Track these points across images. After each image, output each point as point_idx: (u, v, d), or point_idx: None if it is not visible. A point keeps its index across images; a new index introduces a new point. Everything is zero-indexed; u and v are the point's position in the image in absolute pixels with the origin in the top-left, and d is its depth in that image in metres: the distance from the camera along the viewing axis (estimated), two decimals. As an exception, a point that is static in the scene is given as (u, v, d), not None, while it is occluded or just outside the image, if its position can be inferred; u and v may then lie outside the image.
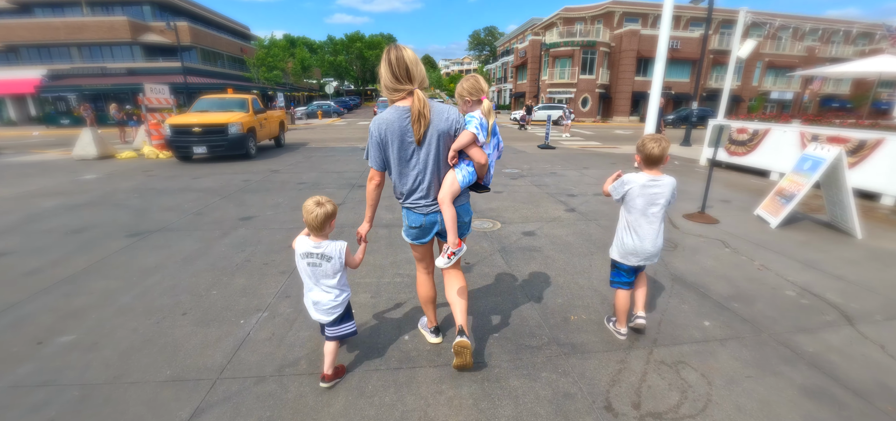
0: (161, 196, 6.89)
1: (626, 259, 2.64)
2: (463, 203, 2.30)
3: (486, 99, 2.18)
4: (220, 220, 5.48)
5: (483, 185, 2.31)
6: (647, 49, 37.53)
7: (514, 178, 8.51)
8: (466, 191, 2.31)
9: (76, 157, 11.87)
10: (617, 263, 2.71)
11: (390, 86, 2.06)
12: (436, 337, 2.73)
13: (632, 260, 2.62)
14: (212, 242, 4.62)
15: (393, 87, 2.06)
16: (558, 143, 16.23)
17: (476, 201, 6.39)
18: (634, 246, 2.56)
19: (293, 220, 5.46)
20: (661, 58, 9.40)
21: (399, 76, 2.04)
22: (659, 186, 2.46)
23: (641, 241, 2.54)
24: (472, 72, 24.01)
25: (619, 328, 2.80)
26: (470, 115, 2.15)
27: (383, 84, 2.09)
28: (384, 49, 2.12)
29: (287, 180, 8.23)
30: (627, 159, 11.78)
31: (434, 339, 2.72)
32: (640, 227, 2.53)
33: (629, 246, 2.59)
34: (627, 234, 2.59)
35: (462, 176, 2.17)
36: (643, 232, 2.53)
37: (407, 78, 2.05)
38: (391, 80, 2.05)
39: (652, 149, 2.41)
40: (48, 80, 31.95)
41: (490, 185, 2.36)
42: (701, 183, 8.27)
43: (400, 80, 2.04)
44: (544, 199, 6.76)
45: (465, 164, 2.19)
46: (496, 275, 3.82)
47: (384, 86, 2.10)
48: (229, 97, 12.61)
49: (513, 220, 5.53)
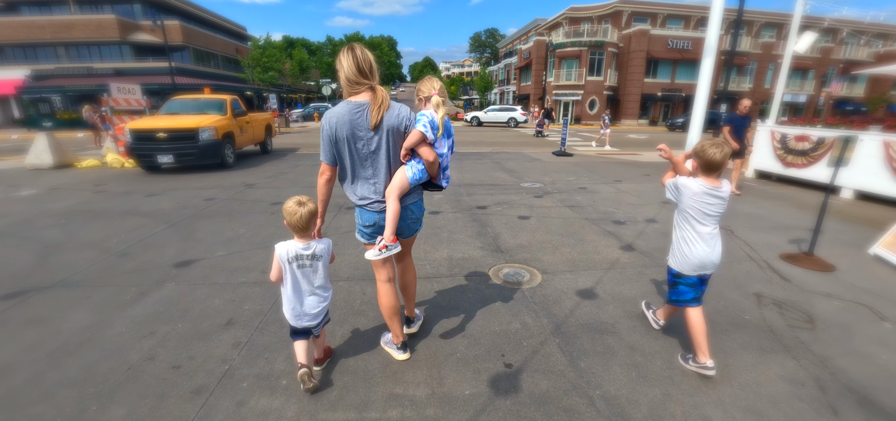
0: (93, 223, 5.36)
1: (695, 271, 2.36)
2: (415, 201, 2.30)
3: (436, 95, 2.17)
4: (147, 266, 3.95)
5: (436, 183, 2.31)
6: (656, 50, 36.07)
7: (539, 197, 6.98)
8: (419, 188, 2.32)
9: (30, 166, 10.35)
10: (680, 276, 2.42)
11: (353, 79, 2.04)
12: (403, 353, 2.53)
13: (704, 271, 2.36)
14: (115, 311, 3.09)
15: (355, 80, 2.04)
16: (573, 149, 14.69)
17: (504, 238, 4.88)
18: (705, 254, 2.31)
19: (247, 266, 3.93)
20: (710, 50, 7.88)
21: (364, 70, 2.04)
22: (720, 194, 2.24)
23: (711, 249, 2.31)
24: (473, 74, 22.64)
25: (704, 361, 2.34)
26: (420, 113, 2.15)
27: (345, 76, 2.05)
28: (345, 46, 2.06)
29: (260, 199, 6.69)
30: (658, 169, 10.24)
31: (402, 355, 2.52)
32: (704, 236, 2.30)
33: (699, 255, 2.31)
34: (697, 243, 2.31)
35: (412, 173, 2.17)
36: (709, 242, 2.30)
37: (369, 73, 2.06)
38: (355, 73, 2.03)
39: (713, 155, 2.18)
40: (31, 80, 30.48)
41: (445, 185, 2.34)
42: (766, 203, 6.79)
43: (364, 74, 2.04)
44: (586, 228, 5.22)
45: (416, 161, 2.18)
46: (561, 395, 2.26)
47: (346, 78, 2.05)
48: (205, 98, 11.09)
49: (556, 267, 3.99)
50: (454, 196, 6.99)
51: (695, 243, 2.30)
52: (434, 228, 5.14)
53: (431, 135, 2.11)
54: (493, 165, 10.59)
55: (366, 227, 2.26)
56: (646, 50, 35.89)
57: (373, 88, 2.08)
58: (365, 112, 2.05)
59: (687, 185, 2.26)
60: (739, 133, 7.13)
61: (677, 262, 2.41)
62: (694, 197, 2.24)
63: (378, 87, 2.09)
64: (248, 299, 3.25)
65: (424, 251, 4.34)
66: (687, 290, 2.41)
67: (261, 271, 3.78)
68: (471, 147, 15.56)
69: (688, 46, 36.36)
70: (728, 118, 7.44)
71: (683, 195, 2.29)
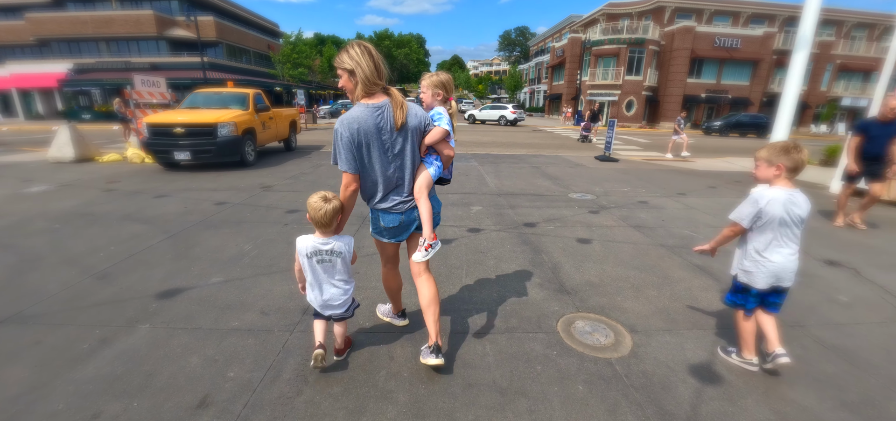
0: (86, 230, 4.72)
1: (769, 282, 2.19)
2: (433, 195, 2.30)
3: (453, 100, 2.29)
4: (126, 294, 3.18)
5: (444, 177, 2.33)
6: (702, 48, 33.78)
7: (595, 213, 5.91)
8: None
9: (51, 159, 10.08)
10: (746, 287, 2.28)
11: (372, 80, 1.97)
12: (403, 319, 2.75)
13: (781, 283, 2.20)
14: (62, 370, 2.30)
15: (373, 80, 1.98)
16: (616, 153, 13.39)
17: (566, 270, 3.89)
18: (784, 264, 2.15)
19: (244, 302, 3.10)
20: (804, 43, 6.59)
21: (381, 71, 1.99)
22: (800, 198, 2.10)
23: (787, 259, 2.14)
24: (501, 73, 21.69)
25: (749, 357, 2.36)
26: (437, 112, 2.18)
27: (364, 76, 1.95)
28: (352, 42, 1.97)
29: (274, 205, 5.93)
30: (720, 177, 8.91)
31: (402, 320, 2.75)
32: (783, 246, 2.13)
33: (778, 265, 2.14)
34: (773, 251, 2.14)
35: (434, 170, 2.19)
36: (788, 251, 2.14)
37: (383, 74, 2.01)
38: (373, 72, 1.96)
39: (801, 158, 2.05)
40: (73, 74, 31.46)
41: (449, 177, 2.38)
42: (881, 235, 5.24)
43: (381, 75, 2.00)
44: (666, 259, 4.15)
45: (435, 158, 2.21)
46: None
47: (365, 78, 1.95)
48: (227, 92, 10.53)
49: (646, 321, 2.97)
50: (495, 207, 6.02)
51: (773, 254, 2.15)
52: (476, 254, 4.19)
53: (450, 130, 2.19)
54: (532, 171, 9.54)
55: (388, 228, 2.23)
56: (690, 48, 33.63)
57: (386, 89, 2.06)
58: (385, 113, 2.00)
59: (766, 194, 2.10)
60: (880, 146, 5.09)
61: (750, 276, 2.24)
62: (781, 206, 2.07)
63: (390, 88, 2.07)
64: (235, 360, 2.40)
65: (469, 289, 3.40)
66: (750, 299, 2.31)
67: (260, 312, 2.95)
68: (503, 149, 14.51)
69: (736, 45, 33.85)
70: (862, 125, 5.38)
71: (767, 206, 2.09)
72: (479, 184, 7.77)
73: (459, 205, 6.15)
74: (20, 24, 33.84)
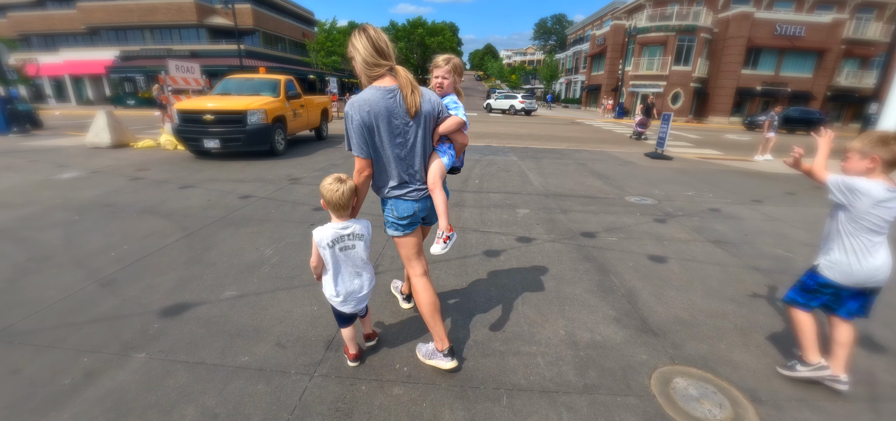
0: (104, 225, 4.40)
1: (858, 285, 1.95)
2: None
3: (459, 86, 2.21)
4: (126, 310, 2.75)
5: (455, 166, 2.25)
6: (761, 36, 31.11)
7: (662, 222, 5.10)
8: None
9: (89, 144, 10.16)
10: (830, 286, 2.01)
11: (371, 60, 1.84)
12: (451, 360, 2.17)
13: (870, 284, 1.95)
14: (28, 417, 1.86)
15: (373, 61, 1.84)
16: (668, 150, 12.25)
17: (644, 299, 3.17)
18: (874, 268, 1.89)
19: (258, 327, 2.59)
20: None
21: (381, 49, 1.83)
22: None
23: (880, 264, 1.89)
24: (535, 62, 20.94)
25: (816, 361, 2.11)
26: (452, 101, 2.14)
27: (362, 60, 1.83)
28: (355, 30, 1.85)
29: (301, 201, 5.48)
30: (794, 182, 7.75)
31: (450, 362, 2.16)
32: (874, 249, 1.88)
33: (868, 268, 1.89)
34: (865, 254, 1.88)
35: (447, 159, 2.12)
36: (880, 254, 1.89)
37: (387, 53, 1.85)
38: (372, 54, 1.82)
39: None
40: (119, 60, 32.72)
41: (460, 166, 2.30)
42: None
43: (383, 54, 1.84)
44: (766, 289, 3.35)
45: (447, 147, 2.13)
46: None
47: (363, 61, 1.84)
48: (259, 78, 10.24)
49: (766, 384, 2.23)
50: (544, 211, 5.32)
51: (865, 255, 1.88)
52: (531, 272, 3.53)
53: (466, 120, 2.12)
54: (578, 168, 8.71)
55: (402, 219, 2.07)
56: (746, 36, 30.99)
57: (392, 69, 1.90)
58: (397, 97, 1.87)
59: (868, 190, 1.81)
60: None
61: (836, 273, 1.97)
62: (876, 204, 1.80)
63: (398, 68, 1.90)
64: (239, 415, 1.88)
65: (529, 323, 2.75)
66: (828, 300, 2.06)
67: (276, 343, 2.43)
68: (541, 142, 13.64)
69: (800, 33, 30.94)
70: None
71: (860, 201, 1.83)
72: (522, 182, 7.06)
73: (503, 206, 5.49)
74: (72, 12, 35.51)
